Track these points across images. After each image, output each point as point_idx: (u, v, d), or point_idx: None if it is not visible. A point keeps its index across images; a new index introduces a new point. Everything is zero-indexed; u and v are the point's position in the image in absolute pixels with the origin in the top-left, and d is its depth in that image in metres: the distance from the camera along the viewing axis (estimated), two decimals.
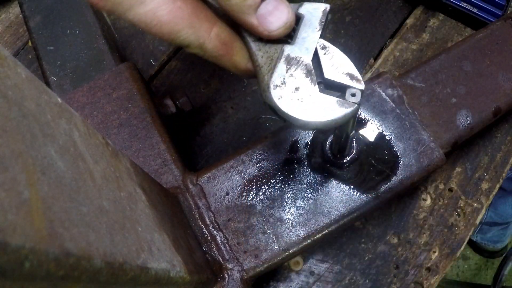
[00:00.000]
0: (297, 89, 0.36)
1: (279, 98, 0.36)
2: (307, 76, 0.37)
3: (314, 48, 0.38)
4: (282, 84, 0.36)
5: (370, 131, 0.53)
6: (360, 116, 0.53)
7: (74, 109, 0.30)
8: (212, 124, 0.68)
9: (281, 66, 0.37)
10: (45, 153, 0.20)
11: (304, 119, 0.36)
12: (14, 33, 0.76)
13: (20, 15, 0.75)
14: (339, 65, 0.37)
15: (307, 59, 0.37)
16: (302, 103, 0.36)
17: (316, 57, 0.37)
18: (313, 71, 0.37)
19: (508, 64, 0.57)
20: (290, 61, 0.37)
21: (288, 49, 0.37)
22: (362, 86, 0.37)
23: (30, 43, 0.74)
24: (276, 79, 0.37)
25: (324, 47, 0.38)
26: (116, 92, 0.55)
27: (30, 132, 0.19)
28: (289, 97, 0.36)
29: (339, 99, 0.36)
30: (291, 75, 0.37)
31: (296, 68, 0.37)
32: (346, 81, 0.37)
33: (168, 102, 0.59)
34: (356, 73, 0.37)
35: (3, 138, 0.17)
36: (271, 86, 0.36)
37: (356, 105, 0.36)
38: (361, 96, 0.37)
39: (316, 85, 0.36)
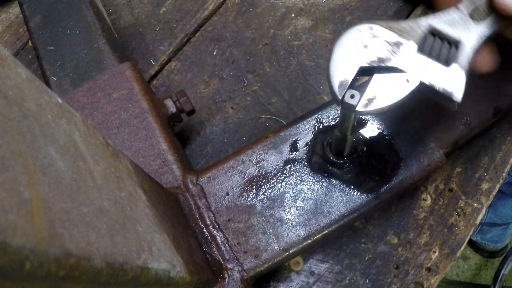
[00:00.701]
0: (365, 45, 0.38)
1: (359, 27, 0.39)
2: (378, 60, 0.38)
3: (409, 74, 0.38)
4: (374, 34, 0.38)
5: (370, 131, 0.53)
6: (360, 116, 0.53)
7: (74, 109, 0.30)
8: (212, 124, 0.68)
9: (394, 36, 0.38)
10: (45, 153, 0.20)
11: (334, 48, 0.38)
12: (14, 33, 0.76)
13: (20, 15, 0.75)
14: (388, 90, 0.38)
15: (399, 64, 0.38)
16: (350, 49, 0.38)
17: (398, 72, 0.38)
18: (384, 67, 0.38)
19: (508, 64, 0.57)
20: (397, 45, 0.38)
21: (412, 48, 0.38)
22: (358, 107, 0.37)
23: (30, 43, 0.74)
24: (381, 29, 0.38)
25: (410, 81, 0.38)
26: (116, 92, 0.55)
27: (30, 132, 0.19)
28: (359, 35, 0.38)
29: (347, 85, 0.37)
30: (383, 44, 0.38)
31: (391, 49, 0.38)
32: (368, 93, 0.37)
33: (168, 102, 0.59)
34: (374, 106, 0.38)
35: (4, 138, 0.17)
36: (372, 24, 0.39)
37: (338, 101, 0.37)
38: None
39: (365, 66, 0.38)
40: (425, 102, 0.55)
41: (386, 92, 0.37)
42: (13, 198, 0.15)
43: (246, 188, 0.51)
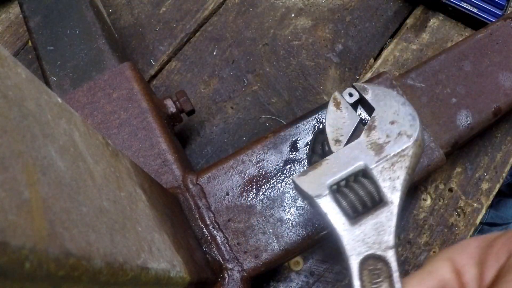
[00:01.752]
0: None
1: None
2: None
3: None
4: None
5: None
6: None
7: (74, 109, 0.30)
8: (212, 124, 0.68)
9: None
10: (45, 153, 0.20)
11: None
12: (14, 33, 0.76)
13: (20, 15, 0.75)
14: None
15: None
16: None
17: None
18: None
19: (508, 64, 0.57)
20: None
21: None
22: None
23: (30, 43, 0.74)
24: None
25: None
26: (116, 92, 0.55)
27: (30, 132, 0.19)
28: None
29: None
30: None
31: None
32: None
33: (168, 102, 0.59)
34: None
35: (3, 138, 0.17)
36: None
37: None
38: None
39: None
40: (424, 102, 0.55)
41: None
42: (13, 198, 0.15)
43: (246, 188, 0.51)
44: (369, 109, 0.40)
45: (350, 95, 0.40)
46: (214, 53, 0.72)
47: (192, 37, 0.74)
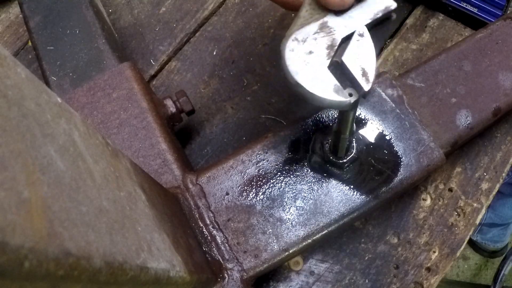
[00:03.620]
0: (310, 52, 0.37)
1: (290, 50, 0.37)
2: (327, 48, 0.37)
3: (352, 31, 0.37)
4: (302, 41, 0.37)
5: (370, 131, 0.53)
6: (360, 116, 0.53)
7: (74, 109, 0.30)
8: (212, 124, 0.68)
9: (313, 26, 0.37)
10: (45, 153, 0.20)
11: (297, 79, 0.36)
12: (14, 33, 0.76)
13: (20, 15, 0.75)
14: (362, 56, 0.37)
15: (339, 35, 0.37)
16: (305, 66, 0.36)
17: (347, 39, 0.37)
18: (336, 48, 0.37)
19: (508, 64, 0.57)
20: (323, 27, 0.38)
21: (329, 17, 0.38)
22: (367, 87, 0.36)
23: (30, 43, 0.74)
24: (300, 33, 0.37)
25: (361, 35, 0.38)
26: (116, 92, 0.55)
27: (29, 132, 0.19)
28: (299, 54, 0.37)
29: (338, 84, 0.36)
30: (315, 38, 0.37)
31: (323, 36, 0.37)
32: (357, 74, 0.36)
33: (168, 102, 0.59)
34: (371, 73, 0.37)
35: (3, 138, 0.17)
36: (292, 36, 0.37)
37: (349, 101, 0.36)
38: (362, 97, 0.37)
39: (329, 61, 0.36)
40: (424, 102, 0.55)
41: (364, 59, 0.37)
42: (12, 198, 0.15)
43: (245, 188, 0.51)
44: None
45: (350, 95, 0.39)
46: (214, 53, 0.72)
47: (192, 37, 0.74)
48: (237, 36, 0.73)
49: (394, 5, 0.39)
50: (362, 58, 0.37)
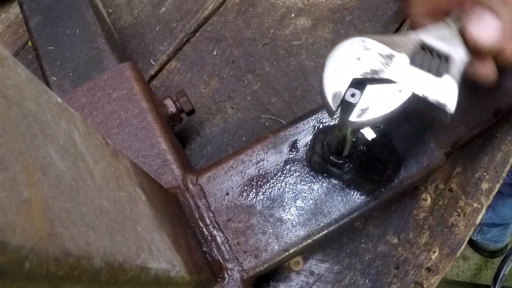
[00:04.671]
0: (358, 59, 0.38)
1: (350, 43, 0.39)
2: (369, 70, 0.38)
3: (398, 82, 0.38)
4: (366, 46, 0.39)
5: (370, 131, 0.53)
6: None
7: (74, 109, 0.30)
8: (212, 124, 0.68)
9: (387, 49, 0.39)
10: (45, 153, 0.20)
11: (326, 61, 0.38)
12: (14, 33, 0.76)
13: (20, 15, 0.75)
14: (381, 102, 0.38)
15: (387, 73, 0.38)
16: (343, 61, 0.38)
17: (386, 81, 0.38)
18: (375, 74, 0.38)
19: None
20: (390, 58, 0.38)
21: (404, 60, 0.38)
22: (351, 117, 0.37)
23: (30, 43, 0.74)
24: (373, 42, 0.39)
25: (401, 91, 0.38)
26: (116, 92, 0.55)
27: (30, 132, 0.19)
28: (351, 52, 0.39)
29: (341, 96, 0.37)
30: (376, 56, 0.38)
31: (383, 61, 0.38)
32: (361, 104, 0.37)
33: (168, 102, 0.59)
34: (367, 116, 0.38)
35: (3, 138, 0.17)
36: (364, 38, 0.39)
37: (330, 117, 0.38)
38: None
39: (358, 78, 0.38)
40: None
41: (379, 103, 0.37)
42: (13, 198, 0.15)
43: (246, 188, 0.51)
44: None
45: (353, 95, 0.39)
46: (214, 53, 0.72)
47: (192, 37, 0.74)
48: (237, 36, 0.73)
49: (451, 110, 0.38)
50: (378, 103, 0.37)
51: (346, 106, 0.38)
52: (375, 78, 0.37)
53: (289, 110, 0.68)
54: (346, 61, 0.38)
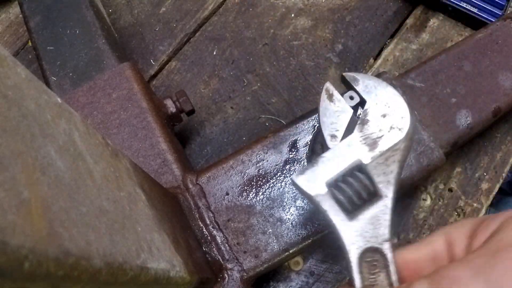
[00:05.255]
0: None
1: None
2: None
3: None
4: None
5: None
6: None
7: (74, 109, 0.30)
8: (212, 124, 0.68)
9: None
10: (44, 153, 0.20)
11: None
12: (14, 33, 0.76)
13: (20, 15, 0.75)
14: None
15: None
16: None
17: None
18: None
19: (508, 64, 0.57)
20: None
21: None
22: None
23: (30, 43, 0.74)
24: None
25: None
26: (116, 92, 0.55)
27: (29, 132, 0.19)
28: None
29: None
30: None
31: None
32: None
33: (168, 102, 0.59)
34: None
35: (3, 138, 0.17)
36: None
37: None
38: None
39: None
40: (424, 102, 0.55)
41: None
42: (12, 198, 0.15)
43: (246, 188, 0.51)
44: (361, 100, 0.41)
45: (351, 98, 0.40)
46: (214, 53, 0.72)
47: (192, 37, 0.74)
48: (237, 36, 0.73)
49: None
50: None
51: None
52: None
53: (289, 110, 0.68)
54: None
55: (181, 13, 0.75)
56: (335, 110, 0.40)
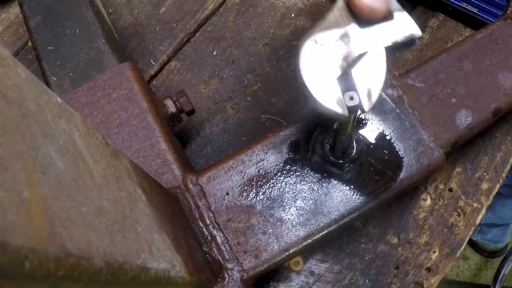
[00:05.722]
0: (325, 58, 0.37)
1: (307, 50, 0.37)
2: (342, 59, 0.37)
3: (370, 49, 0.38)
4: (320, 44, 0.37)
5: (370, 131, 0.53)
6: (360, 116, 0.53)
7: (74, 109, 0.30)
8: (212, 124, 0.68)
9: (335, 32, 0.38)
10: (45, 153, 0.20)
11: (305, 81, 0.37)
12: (14, 33, 0.76)
13: (20, 15, 0.75)
14: (371, 76, 0.38)
15: (357, 49, 0.37)
16: (316, 71, 0.37)
17: (364, 55, 0.38)
18: (350, 60, 0.37)
19: (508, 64, 0.57)
20: (344, 36, 0.37)
21: (353, 28, 0.38)
22: (367, 107, 0.37)
23: (30, 43, 0.74)
24: (320, 36, 0.38)
25: (378, 54, 0.38)
26: (116, 92, 0.55)
27: (30, 132, 0.19)
28: (314, 56, 0.37)
29: (342, 98, 0.37)
30: (333, 46, 0.37)
31: (341, 45, 0.37)
32: (362, 92, 0.37)
33: (168, 102, 0.59)
34: (375, 95, 0.38)
35: (3, 138, 0.17)
36: (312, 37, 0.38)
37: (347, 115, 0.37)
38: (358, 112, 0.37)
39: (339, 72, 0.37)
40: (424, 102, 0.55)
41: (372, 77, 0.37)
42: (13, 198, 0.15)
43: (246, 188, 0.51)
44: None
45: (351, 98, 0.39)
46: (214, 53, 0.72)
47: (192, 37, 0.74)
48: (237, 36, 0.73)
49: (419, 34, 0.38)
50: (371, 78, 0.37)
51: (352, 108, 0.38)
52: (350, 62, 0.38)
53: (289, 110, 0.68)
54: (319, 68, 0.38)
55: (181, 13, 0.75)
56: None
